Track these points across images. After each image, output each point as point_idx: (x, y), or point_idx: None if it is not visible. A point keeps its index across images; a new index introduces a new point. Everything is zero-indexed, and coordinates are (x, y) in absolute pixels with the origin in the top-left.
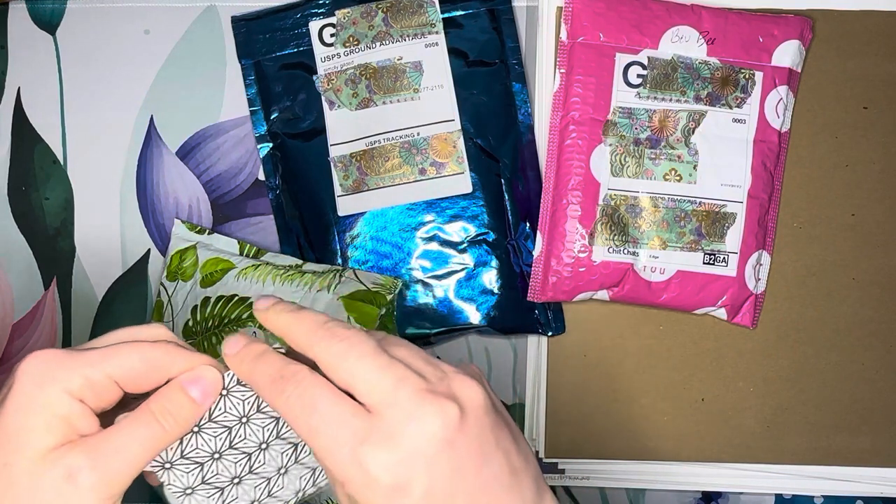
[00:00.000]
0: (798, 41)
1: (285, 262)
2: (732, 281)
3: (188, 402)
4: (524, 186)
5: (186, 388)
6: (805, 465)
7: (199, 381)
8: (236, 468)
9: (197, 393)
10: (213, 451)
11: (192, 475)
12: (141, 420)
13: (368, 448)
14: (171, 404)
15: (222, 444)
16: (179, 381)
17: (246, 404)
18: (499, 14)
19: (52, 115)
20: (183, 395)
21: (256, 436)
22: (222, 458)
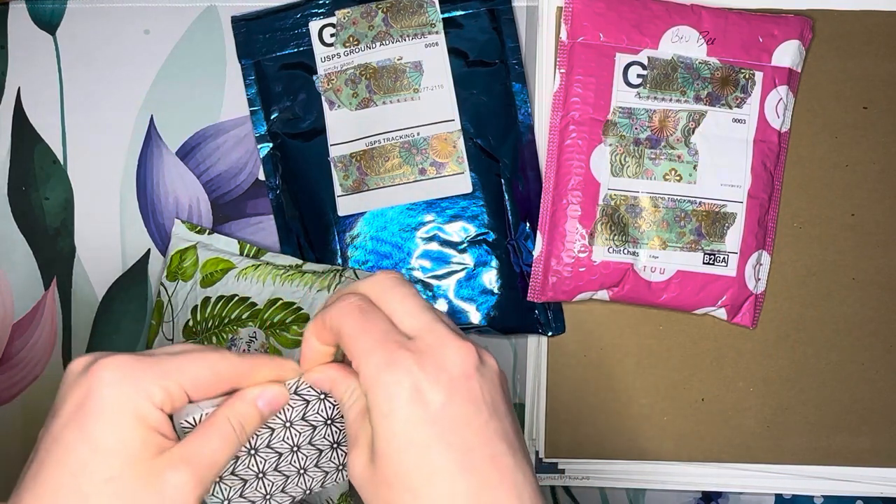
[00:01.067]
0: (798, 41)
1: (285, 262)
2: (732, 281)
3: (257, 413)
4: (524, 186)
5: (257, 403)
6: (805, 465)
7: (265, 394)
8: (265, 465)
9: (263, 404)
10: (250, 448)
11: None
12: (220, 427)
13: (401, 353)
14: (245, 416)
15: (261, 443)
16: (249, 392)
17: (294, 411)
18: (499, 14)
19: (52, 115)
20: (254, 409)
21: (293, 439)
22: (258, 454)
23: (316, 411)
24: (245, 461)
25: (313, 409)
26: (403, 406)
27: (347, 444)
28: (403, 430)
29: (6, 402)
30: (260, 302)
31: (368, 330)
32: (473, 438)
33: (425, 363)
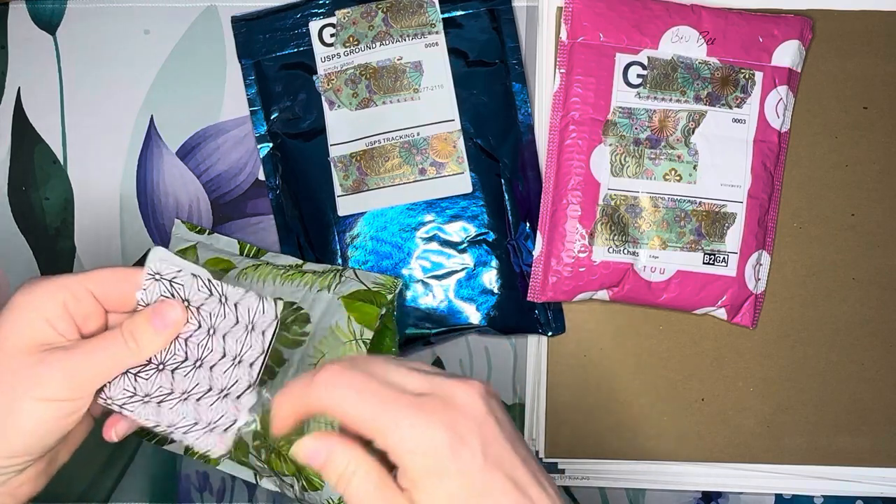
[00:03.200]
0: (798, 41)
1: (285, 262)
2: (732, 281)
3: (151, 330)
4: (524, 186)
5: (152, 320)
6: (805, 465)
7: (164, 315)
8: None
9: (159, 323)
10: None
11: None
12: (111, 339)
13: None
14: (137, 329)
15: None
16: (145, 312)
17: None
18: (499, 14)
19: (52, 115)
20: (149, 325)
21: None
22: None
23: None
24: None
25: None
26: (453, 461)
27: None
28: (461, 484)
29: None
30: None
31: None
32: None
33: (453, 414)
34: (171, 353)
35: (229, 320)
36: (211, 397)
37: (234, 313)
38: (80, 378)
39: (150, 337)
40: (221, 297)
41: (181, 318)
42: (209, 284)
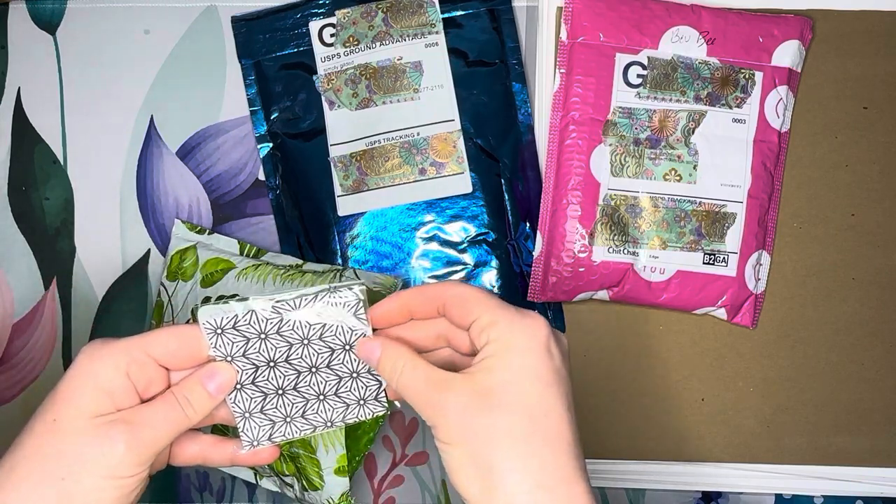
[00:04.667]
0: (798, 41)
1: (285, 262)
2: (732, 281)
3: (205, 394)
4: (524, 186)
5: (204, 382)
6: (805, 465)
7: (215, 377)
8: (284, 381)
9: (213, 387)
10: (269, 359)
11: (246, 374)
12: (167, 402)
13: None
14: (192, 394)
15: (280, 356)
16: (198, 374)
17: (311, 329)
18: (499, 14)
19: (52, 115)
20: (201, 388)
21: (311, 359)
22: (276, 367)
23: (334, 334)
24: (265, 373)
25: (331, 331)
26: (541, 349)
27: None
28: (536, 366)
29: (6, 403)
30: None
31: (497, 300)
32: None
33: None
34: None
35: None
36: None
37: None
38: (143, 450)
39: (205, 400)
40: (294, 309)
41: (232, 377)
42: (273, 309)
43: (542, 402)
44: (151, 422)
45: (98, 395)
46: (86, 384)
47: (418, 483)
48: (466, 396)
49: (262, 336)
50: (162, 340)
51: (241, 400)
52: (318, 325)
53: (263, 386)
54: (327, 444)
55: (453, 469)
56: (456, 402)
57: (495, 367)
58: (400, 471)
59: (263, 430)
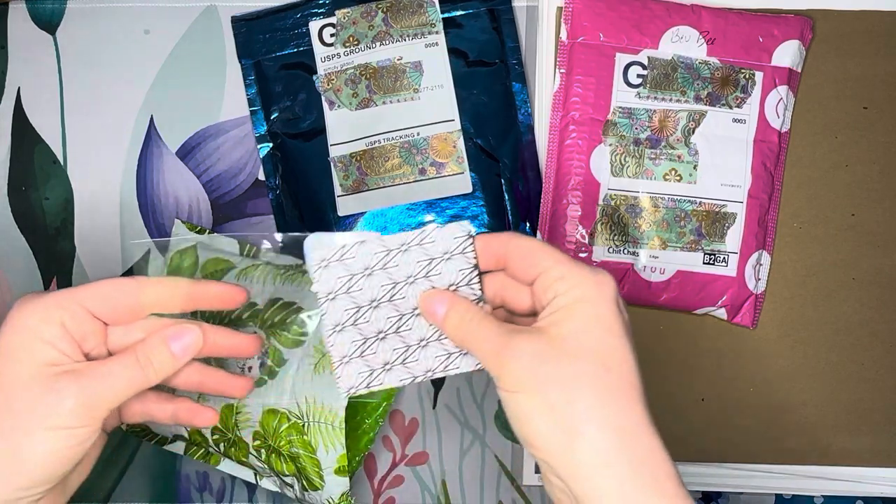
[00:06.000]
0: (798, 41)
1: (285, 262)
2: (732, 281)
3: (169, 355)
4: (524, 186)
5: (169, 343)
6: (805, 465)
7: (182, 338)
8: (385, 324)
9: (177, 348)
10: (372, 299)
11: (348, 313)
12: (125, 361)
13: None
14: (154, 354)
15: (384, 296)
16: (163, 335)
17: (417, 266)
18: (499, 14)
19: (52, 115)
20: (165, 349)
21: (416, 300)
22: (378, 308)
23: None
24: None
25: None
26: (612, 303)
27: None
28: (608, 318)
29: None
30: (260, 302)
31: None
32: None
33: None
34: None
35: (422, 263)
36: None
37: (424, 254)
38: (94, 405)
39: (167, 360)
40: (401, 246)
41: (198, 342)
42: (380, 241)
43: (615, 352)
44: (106, 378)
45: (39, 346)
46: (24, 338)
47: (418, 483)
48: (540, 343)
49: (367, 272)
50: (96, 292)
51: (341, 342)
52: (424, 262)
53: (364, 329)
54: (327, 444)
55: (523, 417)
56: (529, 348)
57: (567, 318)
58: (400, 471)
59: (362, 376)
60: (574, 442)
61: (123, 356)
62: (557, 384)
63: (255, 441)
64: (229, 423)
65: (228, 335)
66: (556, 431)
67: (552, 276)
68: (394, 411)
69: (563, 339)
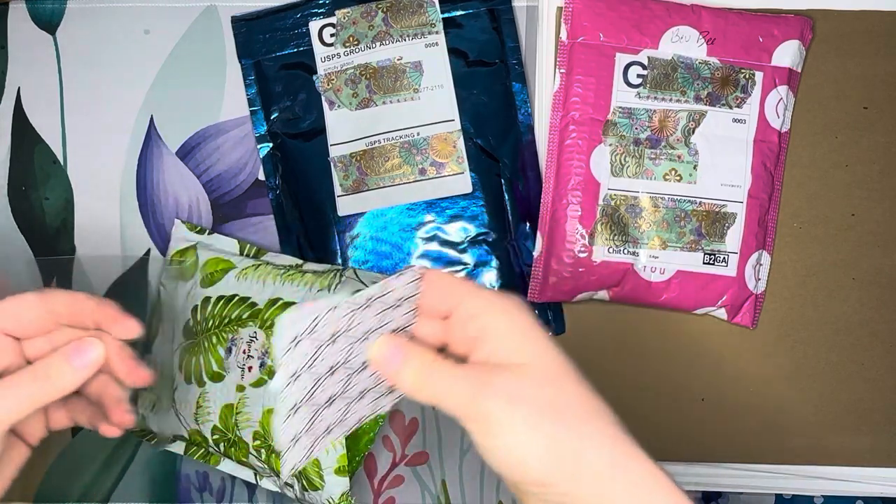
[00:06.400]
0: (798, 41)
1: (285, 262)
2: (732, 281)
3: (70, 370)
4: (524, 186)
5: (70, 359)
6: (805, 465)
7: (83, 354)
8: (336, 387)
9: (79, 363)
10: (331, 366)
11: (306, 390)
12: (24, 377)
13: None
14: (54, 369)
15: (341, 360)
16: (65, 350)
17: (374, 320)
18: (499, 14)
19: (52, 115)
20: (66, 364)
21: (364, 355)
22: (334, 374)
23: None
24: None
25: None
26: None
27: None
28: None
29: None
30: (260, 302)
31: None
32: None
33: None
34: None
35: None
36: None
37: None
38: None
39: (68, 375)
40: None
41: (100, 357)
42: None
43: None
44: (5, 395)
45: None
46: None
47: (418, 483)
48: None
49: (333, 339)
50: (5, 309)
51: (292, 424)
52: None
53: (317, 400)
54: None
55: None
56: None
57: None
58: (400, 471)
59: (305, 450)
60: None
61: (23, 372)
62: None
63: (255, 441)
64: (229, 423)
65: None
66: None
67: (470, 310)
68: (394, 411)
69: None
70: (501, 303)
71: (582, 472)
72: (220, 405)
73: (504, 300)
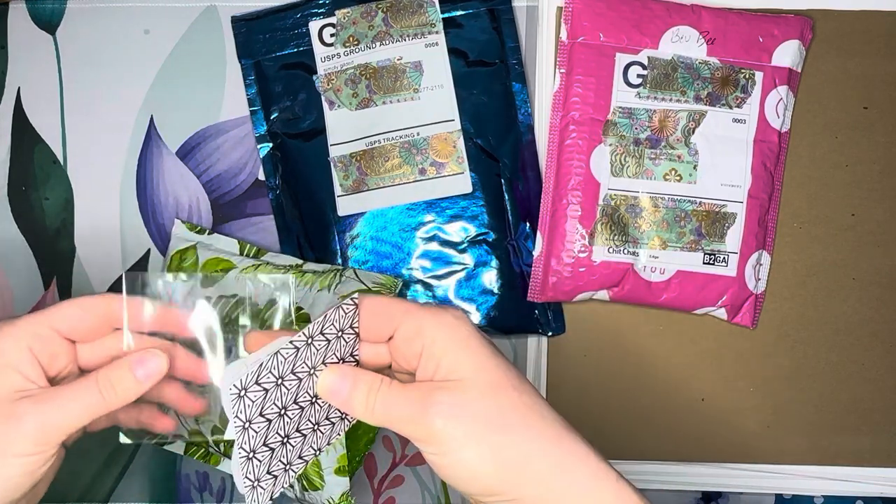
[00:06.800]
0: (798, 41)
1: (285, 262)
2: (732, 281)
3: (132, 380)
4: (524, 186)
5: (133, 369)
6: (805, 465)
7: (145, 364)
8: (290, 426)
9: (142, 374)
10: (281, 408)
11: (259, 436)
12: (84, 386)
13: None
14: (116, 379)
15: (290, 399)
16: (128, 360)
17: (318, 355)
18: (499, 14)
19: (52, 115)
20: (129, 374)
21: (314, 388)
22: (285, 414)
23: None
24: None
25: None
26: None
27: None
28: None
29: None
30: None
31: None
32: None
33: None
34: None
35: (321, 349)
36: None
37: (323, 339)
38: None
39: (131, 385)
40: (307, 339)
41: (164, 368)
42: (291, 346)
43: (510, 372)
44: (66, 405)
45: (6, 371)
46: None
47: (418, 483)
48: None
49: (279, 382)
50: (65, 312)
51: (251, 469)
52: (323, 348)
53: (272, 442)
54: None
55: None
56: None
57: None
58: (400, 471)
59: (268, 489)
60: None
61: (85, 381)
62: (490, 423)
63: None
64: None
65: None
66: (504, 470)
67: (410, 330)
68: None
69: (467, 381)
70: (439, 317)
71: (527, 477)
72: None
73: (441, 314)
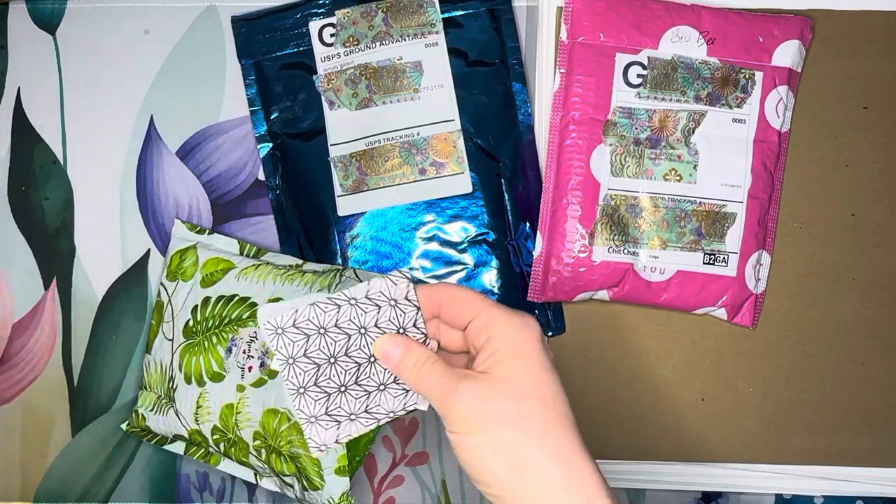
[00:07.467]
0: (798, 41)
1: (285, 262)
2: (732, 281)
3: None
4: (524, 186)
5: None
6: (805, 465)
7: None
8: (346, 376)
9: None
10: (330, 355)
11: (308, 375)
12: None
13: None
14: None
15: (339, 351)
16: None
17: (367, 317)
18: (499, 14)
19: (52, 115)
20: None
21: (370, 349)
22: (337, 363)
23: (388, 319)
24: (326, 370)
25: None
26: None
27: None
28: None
29: (6, 402)
30: (260, 302)
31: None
32: None
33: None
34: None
35: (371, 313)
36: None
37: (371, 304)
38: None
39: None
40: (349, 300)
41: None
42: (330, 301)
43: (550, 387)
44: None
45: None
46: None
47: (418, 483)
48: (482, 385)
49: (321, 331)
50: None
51: (306, 404)
52: (373, 312)
53: (326, 385)
54: None
55: (473, 457)
56: (473, 390)
57: (502, 359)
58: (400, 471)
59: (330, 432)
60: (523, 475)
61: None
62: (502, 421)
63: (255, 441)
64: (229, 423)
65: None
66: (505, 466)
67: (482, 321)
68: None
69: (502, 379)
70: (510, 318)
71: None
72: (221, 405)
73: (514, 315)
